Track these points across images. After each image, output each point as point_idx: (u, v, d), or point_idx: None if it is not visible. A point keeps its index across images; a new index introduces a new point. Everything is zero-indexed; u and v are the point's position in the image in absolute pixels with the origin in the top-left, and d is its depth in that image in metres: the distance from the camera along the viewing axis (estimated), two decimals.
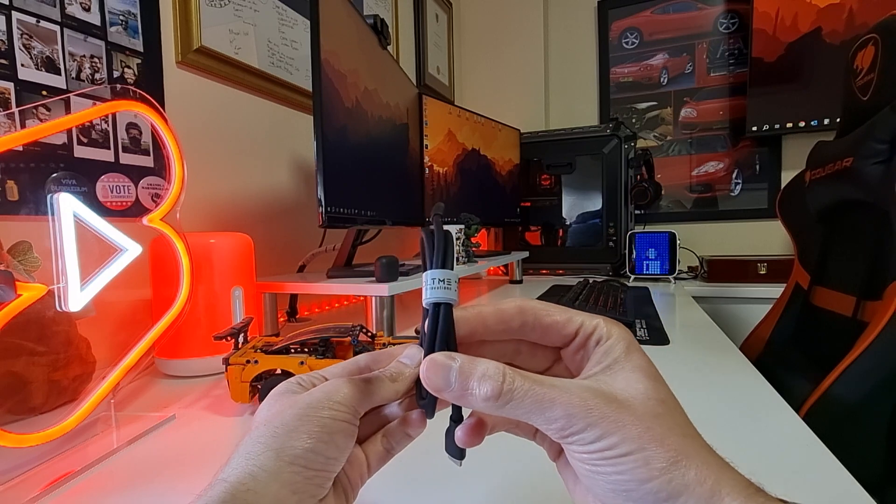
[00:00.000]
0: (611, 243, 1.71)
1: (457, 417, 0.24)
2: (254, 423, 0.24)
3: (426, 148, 1.31)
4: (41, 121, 0.67)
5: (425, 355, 0.23)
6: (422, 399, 0.24)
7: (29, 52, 0.65)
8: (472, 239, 1.26)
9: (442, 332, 0.22)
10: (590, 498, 0.23)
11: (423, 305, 0.23)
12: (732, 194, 1.96)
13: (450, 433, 0.24)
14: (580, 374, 0.24)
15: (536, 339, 0.25)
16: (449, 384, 0.21)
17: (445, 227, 0.24)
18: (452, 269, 0.23)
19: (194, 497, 0.20)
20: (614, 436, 0.19)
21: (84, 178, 0.71)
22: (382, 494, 0.37)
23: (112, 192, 0.75)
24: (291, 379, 0.27)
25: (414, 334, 0.79)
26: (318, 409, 0.23)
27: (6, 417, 0.51)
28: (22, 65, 0.65)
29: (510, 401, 0.20)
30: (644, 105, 2.06)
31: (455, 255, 1.12)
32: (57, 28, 0.69)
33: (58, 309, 0.43)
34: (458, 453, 0.24)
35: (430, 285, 0.22)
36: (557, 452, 0.26)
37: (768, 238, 1.89)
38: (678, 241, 1.58)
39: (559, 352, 0.26)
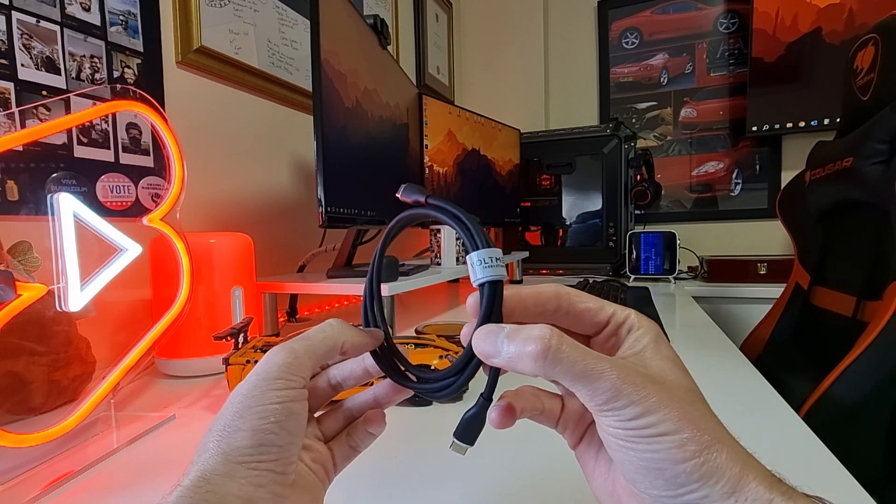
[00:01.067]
0: (611, 243, 1.71)
1: (488, 395, 0.24)
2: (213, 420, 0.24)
3: (426, 148, 1.31)
4: (41, 121, 0.67)
5: (476, 328, 0.23)
6: (386, 371, 0.27)
7: (29, 52, 0.65)
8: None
9: (495, 308, 0.23)
10: (613, 480, 0.24)
11: (474, 285, 0.23)
12: (732, 194, 1.96)
13: (471, 416, 0.24)
14: None
15: (569, 324, 0.25)
16: (498, 349, 0.22)
17: (442, 226, 0.24)
18: (491, 245, 0.23)
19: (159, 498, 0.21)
20: (655, 415, 0.20)
21: (84, 178, 0.71)
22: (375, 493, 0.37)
23: (112, 192, 0.75)
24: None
25: (414, 334, 0.79)
26: (255, 399, 0.23)
27: (6, 417, 0.51)
28: (22, 65, 0.65)
29: (558, 361, 0.20)
30: (644, 105, 2.06)
31: (456, 255, 1.13)
32: (57, 28, 0.69)
33: (58, 309, 0.43)
34: (469, 438, 0.24)
35: (481, 264, 0.23)
36: (578, 439, 0.26)
37: (768, 238, 1.89)
38: (678, 241, 1.58)
39: (589, 339, 0.26)
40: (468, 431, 0.24)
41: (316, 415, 0.29)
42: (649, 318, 0.24)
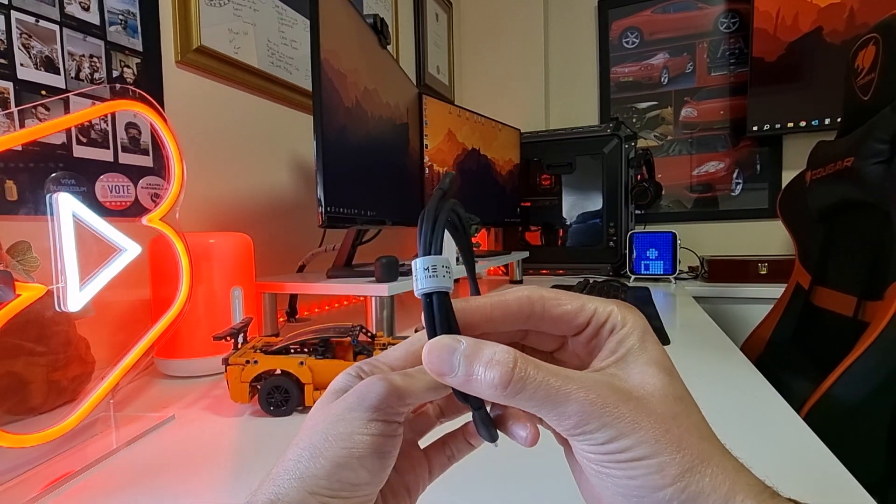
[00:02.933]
0: (611, 243, 1.71)
1: (477, 405, 0.22)
2: (300, 430, 0.22)
3: (426, 148, 1.30)
4: (40, 120, 0.67)
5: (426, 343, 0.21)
6: (464, 401, 0.21)
7: (28, 52, 0.65)
8: (472, 239, 1.26)
9: (440, 321, 0.20)
10: (598, 498, 0.22)
11: (416, 295, 0.21)
12: (733, 194, 1.96)
13: (474, 418, 0.22)
14: (591, 362, 0.22)
15: (545, 329, 0.23)
16: (452, 368, 0.19)
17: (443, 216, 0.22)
18: (440, 252, 0.21)
19: None
20: (629, 438, 0.18)
21: (83, 177, 0.71)
22: None
23: (111, 192, 0.75)
24: (352, 368, 0.24)
25: (414, 334, 0.79)
26: (346, 424, 0.21)
27: (5, 418, 0.51)
28: (21, 64, 0.65)
29: (521, 391, 0.18)
30: (644, 105, 2.06)
31: (456, 255, 1.12)
32: (56, 27, 0.69)
33: (57, 309, 0.42)
34: (489, 435, 0.22)
35: (418, 275, 0.20)
36: (564, 440, 0.24)
37: (769, 238, 1.88)
38: (678, 241, 1.58)
39: (566, 339, 0.24)
40: (482, 431, 0.22)
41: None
42: (637, 313, 0.22)
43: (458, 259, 1.12)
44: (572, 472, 0.24)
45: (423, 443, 0.26)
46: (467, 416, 0.24)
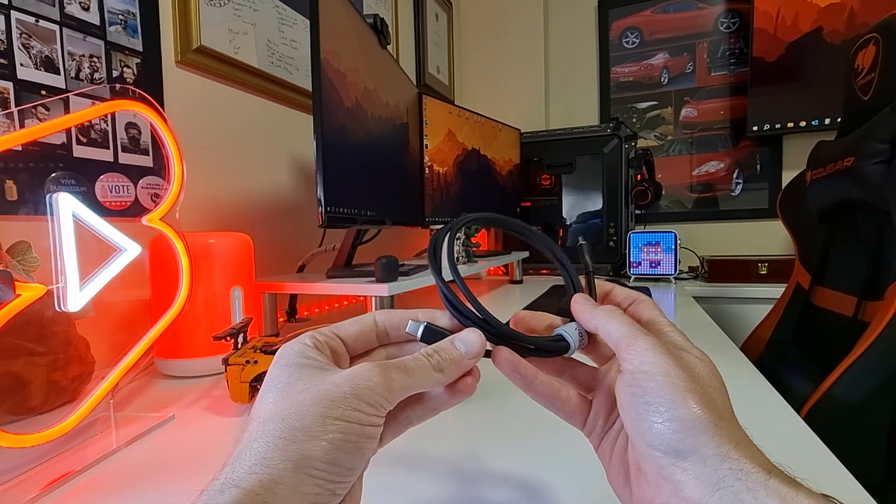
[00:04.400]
0: (611, 243, 1.71)
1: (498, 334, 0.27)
2: (262, 400, 0.22)
3: (426, 148, 1.30)
4: (40, 120, 0.67)
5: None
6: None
7: (28, 52, 0.65)
8: (472, 239, 1.26)
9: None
10: (626, 478, 0.25)
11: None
12: (733, 194, 1.96)
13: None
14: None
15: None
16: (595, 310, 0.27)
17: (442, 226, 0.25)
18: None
19: (195, 495, 0.19)
20: (669, 367, 0.23)
21: (83, 177, 0.71)
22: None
23: (111, 192, 0.75)
24: (303, 339, 0.24)
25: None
26: (342, 410, 0.20)
27: (5, 418, 0.51)
28: (21, 64, 0.65)
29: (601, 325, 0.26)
30: (644, 105, 2.06)
31: (456, 255, 1.12)
32: (56, 27, 0.69)
33: (57, 309, 0.42)
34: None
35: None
36: (599, 442, 0.28)
37: (769, 238, 1.88)
38: (679, 241, 1.58)
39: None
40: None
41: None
42: (647, 297, 0.29)
43: (457, 259, 1.12)
44: (604, 463, 0.28)
45: None
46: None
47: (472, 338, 0.25)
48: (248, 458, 0.19)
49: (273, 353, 0.52)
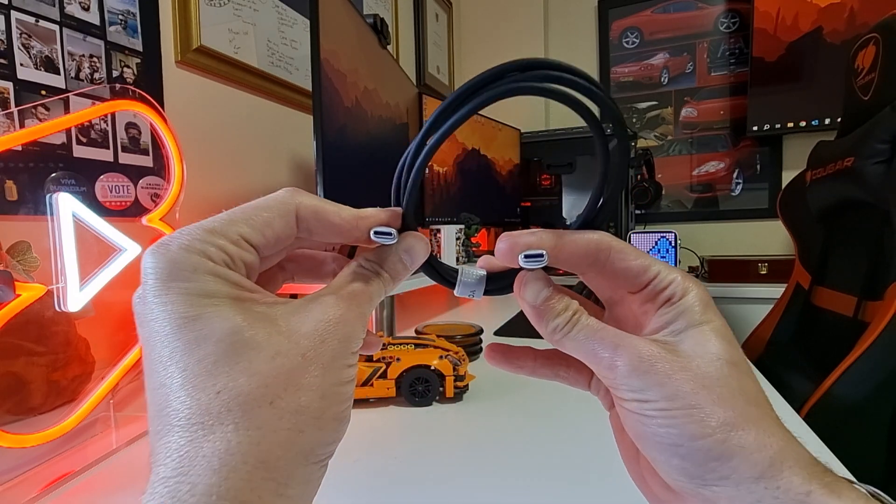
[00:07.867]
0: None
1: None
2: (226, 370, 0.16)
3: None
4: (40, 120, 0.67)
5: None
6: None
7: (28, 52, 0.65)
8: (472, 239, 1.26)
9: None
10: (637, 455, 0.22)
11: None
12: (733, 194, 1.96)
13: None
14: (644, 322, 0.22)
15: (606, 279, 0.23)
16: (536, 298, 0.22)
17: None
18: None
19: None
20: (665, 388, 0.19)
21: (83, 177, 0.71)
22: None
23: (111, 192, 0.75)
24: (197, 247, 0.18)
25: (414, 334, 0.79)
26: (330, 359, 0.18)
27: (5, 418, 0.51)
28: (21, 64, 0.65)
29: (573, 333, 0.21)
30: (644, 105, 2.06)
31: (456, 255, 1.12)
32: (56, 27, 0.68)
33: (57, 309, 0.42)
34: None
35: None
36: (612, 402, 0.23)
37: (769, 238, 1.88)
38: (679, 241, 1.58)
39: (627, 294, 0.23)
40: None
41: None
42: (700, 284, 0.22)
43: (457, 259, 1.12)
44: (615, 435, 0.24)
45: None
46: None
47: (418, 247, 0.24)
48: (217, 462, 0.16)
49: None
